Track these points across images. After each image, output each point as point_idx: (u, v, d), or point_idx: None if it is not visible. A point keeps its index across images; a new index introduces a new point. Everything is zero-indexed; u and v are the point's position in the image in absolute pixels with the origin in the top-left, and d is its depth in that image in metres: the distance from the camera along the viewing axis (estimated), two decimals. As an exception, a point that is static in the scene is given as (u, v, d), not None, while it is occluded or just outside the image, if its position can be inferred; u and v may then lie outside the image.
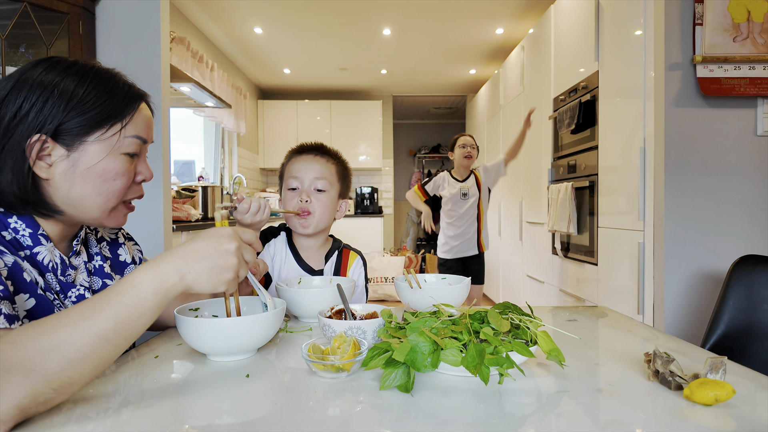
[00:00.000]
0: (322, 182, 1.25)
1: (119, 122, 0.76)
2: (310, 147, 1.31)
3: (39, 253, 0.75)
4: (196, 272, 0.63)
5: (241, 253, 0.67)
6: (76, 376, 0.56)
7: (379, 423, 0.55)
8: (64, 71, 0.73)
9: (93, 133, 0.74)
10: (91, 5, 2.09)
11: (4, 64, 1.98)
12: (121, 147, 0.77)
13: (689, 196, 2.08)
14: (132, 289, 0.60)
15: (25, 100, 0.70)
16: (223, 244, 0.66)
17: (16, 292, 0.69)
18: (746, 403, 0.60)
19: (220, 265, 0.65)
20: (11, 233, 0.73)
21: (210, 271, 0.64)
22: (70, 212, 0.76)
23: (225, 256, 0.65)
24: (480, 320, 0.74)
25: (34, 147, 0.71)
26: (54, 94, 0.71)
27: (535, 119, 3.42)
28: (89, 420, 0.56)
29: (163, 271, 0.62)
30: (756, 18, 2.03)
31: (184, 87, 3.34)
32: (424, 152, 7.54)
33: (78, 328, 0.56)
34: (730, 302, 1.23)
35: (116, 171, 0.77)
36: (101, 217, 0.79)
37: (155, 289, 0.61)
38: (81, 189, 0.74)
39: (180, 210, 2.92)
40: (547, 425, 0.55)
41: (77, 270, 0.82)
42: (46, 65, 0.73)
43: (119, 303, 0.59)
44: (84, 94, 0.73)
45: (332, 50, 4.70)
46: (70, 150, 0.73)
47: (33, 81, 0.71)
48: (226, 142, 4.92)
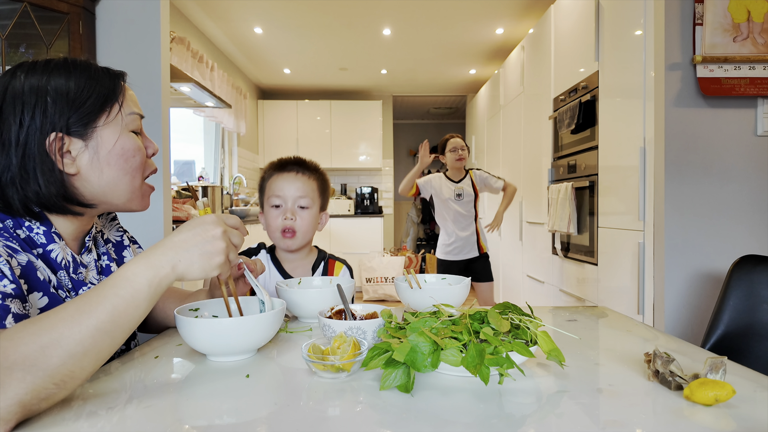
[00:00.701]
0: (305, 200, 1.27)
1: (116, 102, 0.79)
2: (292, 163, 1.32)
3: (53, 251, 0.76)
4: (187, 260, 0.65)
5: (227, 237, 0.70)
6: (77, 369, 0.57)
7: (379, 423, 0.55)
8: (44, 71, 0.75)
9: (99, 118, 0.76)
10: (91, 5, 2.09)
11: (4, 64, 1.98)
12: (128, 125, 0.80)
13: (689, 196, 2.08)
14: (126, 282, 0.61)
15: (24, 108, 0.72)
16: (209, 230, 0.67)
17: (30, 291, 0.70)
18: (746, 403, 0.60)
19: (209, 251, 0.67)
20: (25, 231, 0.75)
21: (200, 258, 0.66)
22: (101, 201, 0.79)
23: (212, 241, 0.67)
24: (480, 320, 0.74)
25: (54, 146, 0.73)
26: (51, 95, 0.73)
27: (536, 119, 3.42)
28: (91, 420, 0.56)
29: (155, 262, 0.63)
30: (756, 18, 2.03)
31: (184, 87, 3.34)
32: (424, 152, 7.53)
33: (77, 322, 0.57)
34: (730, 302, 1.23)
35: (133, 147, 0.80)
36: (133, 197, 0.82)
37: (149, 280, 0.62)
38: (110, 173, 0.77)
39: (180, 210, 2.92)
40: (547, 425, 0.55)
41: (87, 268, 0.84)
42: (24, 71, 0.75)
43: (116, 296, 0.60)
44: (76, 85, 0.75)
45: (332, 50, 4.70)
46: (86, 140, 0.76)
47: (21, 89, 0.72)
48: (226, 142, 4.92)
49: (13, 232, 0.73)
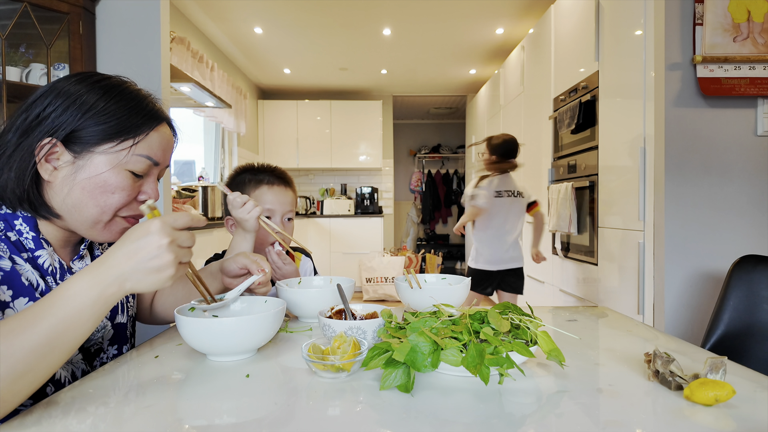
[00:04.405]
0: (291, 213, 1.33)
1: (131, 138, 0.77)
2: (278, 176, 1.33)
3: (40, 256, 0.76)
4: (134, 277, 0.61)
5: (176, 245, 0.63)
6: (8, 395, 0.53)
7: (379, 423, 0.55)
8: (92, 84, 0.76)
9: (102, 144, 0.75)
10: (91, 5, 2.09)
11: (4, 64, 1.98)
12: (128, 164, 0.77)
13: (689, 196, 2.08)
14: (66, 302, 0.57)
15: (50, 104, 0.73)
16: (154, 242, 0.61)
17: (15, 296, 0.69)
18: (746, 403, 0.60)
19: (156, 265, 0.61)
20: (16, 234, 0.75)
21: (148, 273, 0.61)
22: (67, 218, 0.77)
23: (159, 254, 0.61)
24: (480, 320, 0.74)
25: (44, 149, 0.73)
26: (75, 103, 0.74)
27: (536, 119, 3.42)
28: (90, 420, 0.56)
29: (102, 279, 0.60)
30: (756, 18, 2.03)
31: (184, 87, 3.34)
32: (424, 152, 7.53)
33: (9, 344, 0.53)
34: (730, 302, 1.23)
35: (116, 185, 0.76)
36: (94, 228, 0.78)
37: (93, 300, 0.59)
38: (78, 196, 0.75)
39: (180, 210, 2.92)
40: (547, 425, 0.55)
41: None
42: (79, 77, 0.76)
43: (53, 316, 0.56)
44: (104, 106, 0.75)
45: (332, 50, 4.70)
46: (77, 157, 0.74)
47: (61, 89, 0.74)
48: (226, 142, 4.92)
49: (3, 233, 0.73)
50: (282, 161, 5.79)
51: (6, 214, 0.75)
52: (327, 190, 6.27)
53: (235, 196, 1.08)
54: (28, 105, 0.75)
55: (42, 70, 2.09)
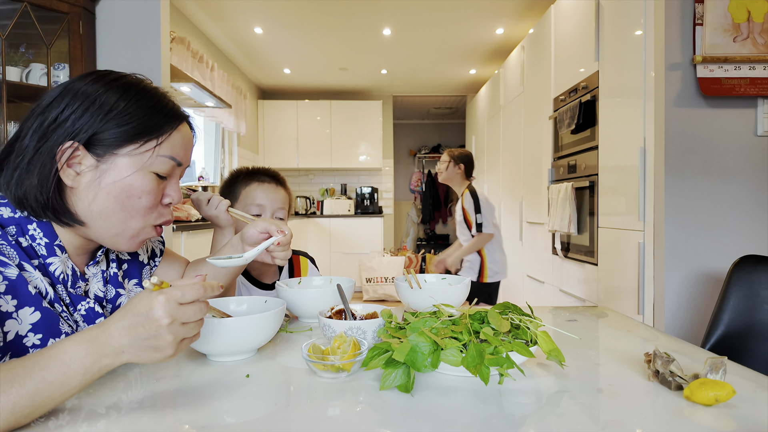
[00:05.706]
0: (282, 211, 1.30)
1: (155, 139, 0.75)
2: (271, 175, 1.33)
3: (51, 264, 0.73)
4: (131, 351, 0.59)
5: (177, 324, 0.60)
6: None
7: (379, 423, 0.55)
8: (109, 83, 0.73)
9: (126, 146, 0.73)
10: (91, 5, 2.09)
11: (4, 64, 1.98)
12: (152, 165, 0.75)
13: (689, 196, 2.08)
14: (58, 366, 0.56)
15: (67, 106, 0.71)
16: (154, 320, 0.58)
17: (20, 306, 0.67)
18: (746, 403, 0.60)
19: (154, 345, 0.59)
20: (28, 240, 0.72)
21: (145, 351, 0.59)
22: (91, 225, 0.74)
23: (157, 335, 0.58)
24: (480, 320, 0.74)
25: (65, 153, 0.70)
26: (95, 104, 0.71)
27: (536, 119, 3.42)
28: (90, 420, 0.56)
29: (98, 349, 0.57)
30: (756, 18, 2.03)
31: (185, 87, 3.34)
32: (424, 152, 7.54)
33: None
34: (730, 302, 1.23)
35: (142, 188, 0.74)
36: (122, 235, 0.76)
37: (86, 369, 0.57)
38: (104, 202, 0.73)
39: (180, 210, 2.92)
40: (547, 425, 0.55)
41: (89, 282, 0.81)
42: (94, 76, 0.74)
43: (42, 380, 0.54)
44: (124, 107, 0.73)
45: (332, 50, 4.70)
46: (100, 161, 0.72)
47: (78, 90, 0.72)
48: (226, 142, 4.92)
49: (15, 239, 0.70)
50: (282, 161, 5.80)
51: (20, 218, 0.72)
52: (327, 190, 6.27)
53: (197, 195, 1.07)
54: (43, 107, 0.72)
55: (42, 70, 2.09)
